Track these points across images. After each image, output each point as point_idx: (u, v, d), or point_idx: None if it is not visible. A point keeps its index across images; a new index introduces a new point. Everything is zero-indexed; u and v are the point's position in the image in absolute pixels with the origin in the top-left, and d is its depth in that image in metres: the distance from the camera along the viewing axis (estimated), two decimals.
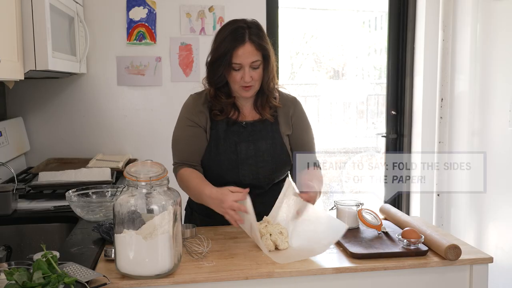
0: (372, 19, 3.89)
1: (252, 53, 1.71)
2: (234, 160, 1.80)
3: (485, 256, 1.54)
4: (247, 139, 1.81)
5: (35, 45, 1.96)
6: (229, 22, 1.79)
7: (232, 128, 1.82)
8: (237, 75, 1.73)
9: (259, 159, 1.81)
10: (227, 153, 1.80)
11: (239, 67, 1.72)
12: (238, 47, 1.69)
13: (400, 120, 3.33)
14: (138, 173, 1.36)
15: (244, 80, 1.72)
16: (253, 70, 1.73)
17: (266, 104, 1.83)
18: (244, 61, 1.70)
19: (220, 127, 1.81)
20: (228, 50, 1.70)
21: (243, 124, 1.83)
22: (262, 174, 1.82)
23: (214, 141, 1.81)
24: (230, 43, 1.70)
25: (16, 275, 1.17)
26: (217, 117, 1.81)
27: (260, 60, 1.73)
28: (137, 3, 2.91)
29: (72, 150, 2.92)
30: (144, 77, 2.96)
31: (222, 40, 1.73)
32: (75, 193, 1.86)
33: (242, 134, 1.82)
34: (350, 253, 1.51)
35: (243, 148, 1.80)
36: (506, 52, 2.57)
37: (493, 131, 2.64)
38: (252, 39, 1.71)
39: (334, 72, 3.88)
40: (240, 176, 1.80)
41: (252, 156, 1.81)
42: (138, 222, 1.33)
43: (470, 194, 2.87)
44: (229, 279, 1.39)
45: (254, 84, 1.76)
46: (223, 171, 1.80)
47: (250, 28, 1.73)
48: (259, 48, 1.72)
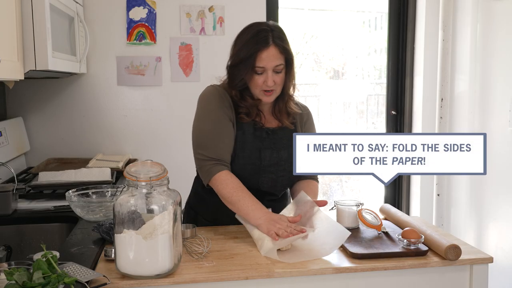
0: (372, 19, 3.89)
1: (276, 57, 1.66)
2: (257, 166, 1.76)
3: (485, 256, 1.54)
4: (271, 147, 1.77)
5: (35, 45, 1.96)
6: (250, 25, 1.74)
7: (256, 133, 1.77)
8: (260, 79, 1.68)
9: (280, 168, 1.78)
10: (251, 158, 1.75)
11: (262, 70, 1.67)
12: (262, 50, 1.65)
13: (400, 120, 3.33)
14: (138, 173, 1.36)
15: (266, 84, 1.68)
16: (275, 74, 1.68)
17: (285, 110, 1.80)
18: (267, 64, 1.66)
19: (246, 130, 1.76)
20: (252, 54, 1.65)
21: (267, 130, 1.78)
22: (280, 183, 1.80)
23: (240, 144, 1.75)
24: (253, 46, 1.66)
25: (16, 275, 1.17)
26: (243, 119, 1.75)
27: (283, 64, 1.70)
28: (137, 3, 2.91)
29: (72, 150, 2.92)
30: (144, 77, 2.96)
31: (245, 43, 1.68)
32: (75, 193, 1.86)
33: (265, 140, 1.77)
34: (350, 253, 1.51)
35: (267, 155, 1.76)
36: (506, 52, 2.57)
37: (493, 131, 2.64)
38: (276, 42, 1.67)
39: (334, 72, 3.88)
40: (259, 183, 1.78)
41: (273, 164, 1.77)
42: (138, 222, 1.33)
43: (470, 194, 2.87)
44: (229, 279, 1.38)
45: (276, 88, 1.71)
46: (245, 176, 1.74)
47: (273, 31, 1.68)
48: (283, 52, 1.68)
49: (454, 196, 3.04)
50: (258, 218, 1.60)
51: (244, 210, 1.64)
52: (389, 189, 3.39)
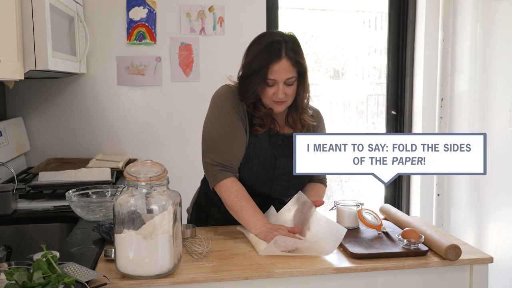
0: (372, 19, 3.89)
1: (287, 70, 1.64)
2: (271, 174, 1.74)
3: (485, 256, 1.53)
4: (286, 154, 1.74)
5: (35, 45, 1.96)
6: (264, 34, 1.71)
7: (272, 140, 1.74)
8: (270, 90, 1.66)
9: (292, 176, 1.73)
10: (265, 166, 1.73)
11: (273, 82, 1.65)
12: (273, 63, 1.62)
13: (400, 120, 3.33)
14: (138, 173, 1.36)
15: (277, 96, 1.66)
16: (287, 87, 1.66)
17: (298, 121, 1.77)
18: (279, 77, 1.63)
19: (261, 137, 1.73)
20: (264, 66, 1.62)
21: (282, 137, 1.76)
22: (291, 191, 1.78)
23: (255, 150, 1.72)
24: (265, 58, 1.62)
25: (16, 275, 1.17)
26: (258, 131, 1.72)
27: (295, 77, 1.67)
28: (137, 3, 2.91)
29: (72, 150, 2.92)
30: (144, 77, 2.96)
31: (257, 54, 1.65)
32: (75, 193, 1.86)
33: (280, 147, 1.75)
34: (350, 253, 1.51)
35: (281, 162, 1.74)
36: (506, 52, 2.57)
37: (493, 131, 2.64)
38: (288, 54, 1.63)
39: (334, 72, 3.88)
40: (271, 191, 1.77)
41: (287, 172, 1.75)
42: (138, 222, 1.33)
43: (470, 194, 2.87)
44: (229, 279, 1.38)
45: (287, 99, 1.69)
46: (258, 182, 1.74)
47: (287, 42, 1.65)
48: (295, 65, 1.65)
49: (454, 196, 3.04)
50: (257, 229, 1.61)
51: (246, 220, 1.64)
52: (389, 189, 3.39)
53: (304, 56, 1.70)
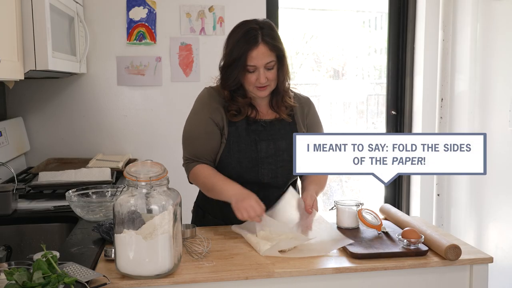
0: (372, 19, 3.89)
1: (266, 54, 1.70)
2: (254, 159, 1.79)
3: (485, 256, 1.54)
4: (267, 138, 1.80)
5: (35, 45, 1.96)
6: (240, 23, 1.77)
7: (252, 126, 1.81)
8: (252, 76, 1.72)
9: (279, 158, 1.80)
10: (247, 151, 1.79)
11: (253, 69, 1.71)
12: (252, 49, 1.68)
13: (400, 120, 3.33)
14: (138, 173, 1.36)
15: (259, 82, 1.72)
16: (267, 71, 1.72)
17: (282, 104, 1.83)
18: (258, 62, 1.70)
19: (239, 125, 1.80)
20: (242, 53, 1.69)
21: (262, 122, 1.82)
22: (281, 174, 1.82)
23: (234, 139, 1.79)
24: (243, 45, 1.69)
25: (16, 275, 1.17)
26: (234, 118, 1.79)
27: (274, 61, 1.73)
28: (137, 3, 2.91)
29: (72, 150, 2.92)
30: (144, 77, 2.96)
31: (235, 43, 1.71)
32: (75, 193, 1.86)
33: (262, 132, 1.81)
34: (350, 253, 1.51)
35: (263, 146, 1.79)
36: (506, 52, 2.57)
37: (493, 131, 2.64)
38: (265, 40, 1.70)
39: (334, 72, 3.88)
40: (259, 175, 1.80)
41: (272, 155, 1.80)
42: (138, 222, 1.33)
43: (470, 194, 2.87)
44: (229, 279, 1.39)
45: (270, 84, 1.75)
46: (243, 169, 1.79)
47: (263, 28, 1.72)
48: (273, 49, 1.71)
49: (454, 196, 3.04)
50: (230, 193, 1.69)
51: (219, 191, 1.73)
52: (389, 189, 3.39)
53: (281, 41, 1.77)
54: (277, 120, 1.83)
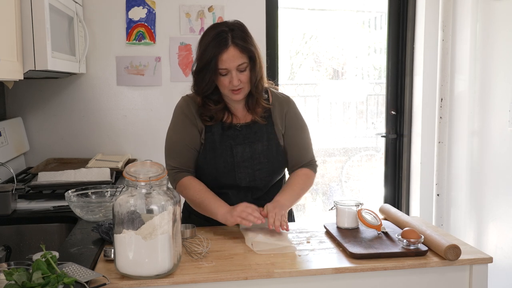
0: (372, 19, 3.89)
1: (237, 57, 1.68)
2: (230, 163, 1.79)
3: (485, 256, 1.53)
4: (243, 142, 1.81)
5: (35, 45, 1.96)
6: (210, 26, 1.76)
7: (227, 132, 1.81)
8: (225, 80, 1.71)
9: (256, 162, 1.81)
10: (223, 156, 1.79)
11: (226, 72, 1.70)
12: (222, 52, 1.67)
13: (400, 120, 3.33)
14: (137, 173, 1.36)
15: (232, 84, 1.70)
16: (240, 73, 1.71)
17: (257, 106, 1.81)
18: (230, 65, 1.68)
19: (215, 131, 1.80)
20: (213, 57, 1.68)
21: (237, 127, 1.82)
22: (259, 177, 1.82)
23: (210, 145, 1.80)
24: (213, 49, 1.68)
25: (16, 275, 1.17)
26: (207, 123, 1.80)
27: (246, 62, 1.71)
28: (137, 3, 2.91)
29: (71, 150, 2.92)
30: (144, 77, 2.96)
31: (206, 46, 1.70)
32: (75, 193, 1.86)
33: (238, 137, 1.81)
34: (350, 253, 1.51)
35: (239, 151, 1.80)
36: (506, 52, 2.57)
37: (493, 131, 2.64)
38: (235, 42, 1.68)
39: (334, 72, 3.88)
40: (237, 179, 1.80)
41: (248, 159, 1.80)
42: (137, 222, 1.33)
43: (470, 194, 2.87)
44: (229, 279, 1.38)
45: (244, 86, 1.74)
46: (219, 174, 1.80)
47: (233, 30, 1.70)
48: (244, 51, 1.70)
49: (454, 196, 3.04)
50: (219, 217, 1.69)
51: (209, 210, 1.73)
52: (389, 189, 3.39)
53: (253, 42, 1.74)
54: (253, 122, 1.82)
